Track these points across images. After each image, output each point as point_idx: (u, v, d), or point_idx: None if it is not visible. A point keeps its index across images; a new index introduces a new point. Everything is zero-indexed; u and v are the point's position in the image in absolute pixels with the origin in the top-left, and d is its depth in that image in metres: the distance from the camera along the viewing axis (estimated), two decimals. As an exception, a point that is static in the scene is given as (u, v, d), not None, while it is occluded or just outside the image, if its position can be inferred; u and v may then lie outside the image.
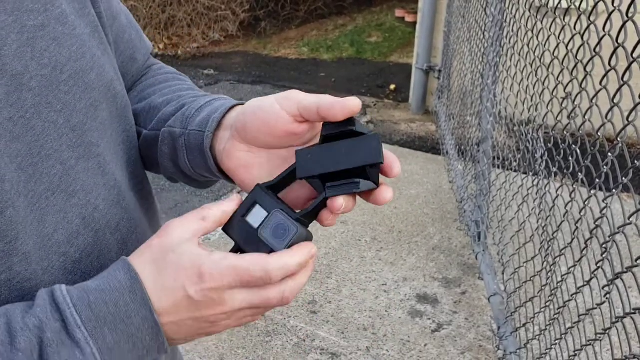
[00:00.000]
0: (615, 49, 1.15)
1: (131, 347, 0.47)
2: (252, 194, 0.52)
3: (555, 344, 1.61)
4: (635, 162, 1.10)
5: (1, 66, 0.46)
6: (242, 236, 0.51)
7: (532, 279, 1.78)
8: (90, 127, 0.54)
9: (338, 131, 0.50)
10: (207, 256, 0.48)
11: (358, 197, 0.52)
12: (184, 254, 0.48)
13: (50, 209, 0.50)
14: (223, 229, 0.52)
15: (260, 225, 0.50)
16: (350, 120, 0.50)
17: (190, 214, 0.51)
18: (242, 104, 0.59)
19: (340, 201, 0.49)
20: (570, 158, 1.50)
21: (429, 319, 2.35)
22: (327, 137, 0.51)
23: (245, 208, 0.51)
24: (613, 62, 1.19)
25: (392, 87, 5.24)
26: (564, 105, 1.55)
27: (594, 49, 1.27)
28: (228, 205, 0.52)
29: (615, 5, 1.15)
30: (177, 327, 0.49)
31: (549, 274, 1.64)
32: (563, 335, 1.56)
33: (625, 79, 1.11)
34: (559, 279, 1.56)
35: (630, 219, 1.11)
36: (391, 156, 0.50)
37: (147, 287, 0.47)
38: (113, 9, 0.65)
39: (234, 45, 6.81)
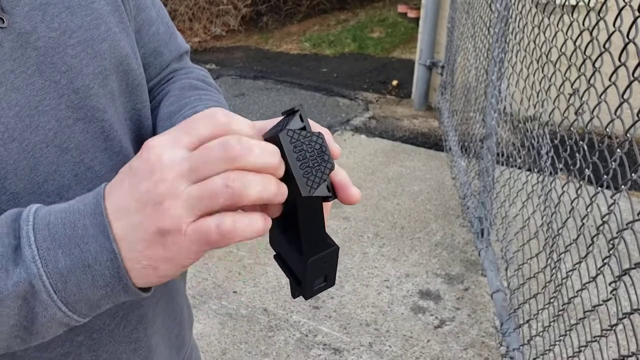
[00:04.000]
0: (626, 45, 1.14)
1: (90, 280, 0.42)
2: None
3: (559, 341, 1.61)
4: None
5: (11, 23, 0.51)
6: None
7: (535, 275, 1.78)
8: (96, 93, 0.57)
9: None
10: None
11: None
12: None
13: (43, 159, 0.53)
14: None
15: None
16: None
17: None
18: None
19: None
20: (577, 154, 1.50)
21: (432, 315, 2.35)
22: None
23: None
24: (623, 59, 1.18)
25: (395, 82, 5.23)
26: (571, 102, 1.55)
27: (604, 45, 1.26)
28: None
29: (625, 0, 1.14)
30: (123, 222, 0.41)
31: (553, 271, 1.64)
32: (567, 332, 1.56)
33: (636, 74, 1.10)
34: (564, 275, 1.56)
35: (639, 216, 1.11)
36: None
37: (108, 202, 0.42)
38: (140, 0, 0.68)
39: (236, 39, 6.80)
